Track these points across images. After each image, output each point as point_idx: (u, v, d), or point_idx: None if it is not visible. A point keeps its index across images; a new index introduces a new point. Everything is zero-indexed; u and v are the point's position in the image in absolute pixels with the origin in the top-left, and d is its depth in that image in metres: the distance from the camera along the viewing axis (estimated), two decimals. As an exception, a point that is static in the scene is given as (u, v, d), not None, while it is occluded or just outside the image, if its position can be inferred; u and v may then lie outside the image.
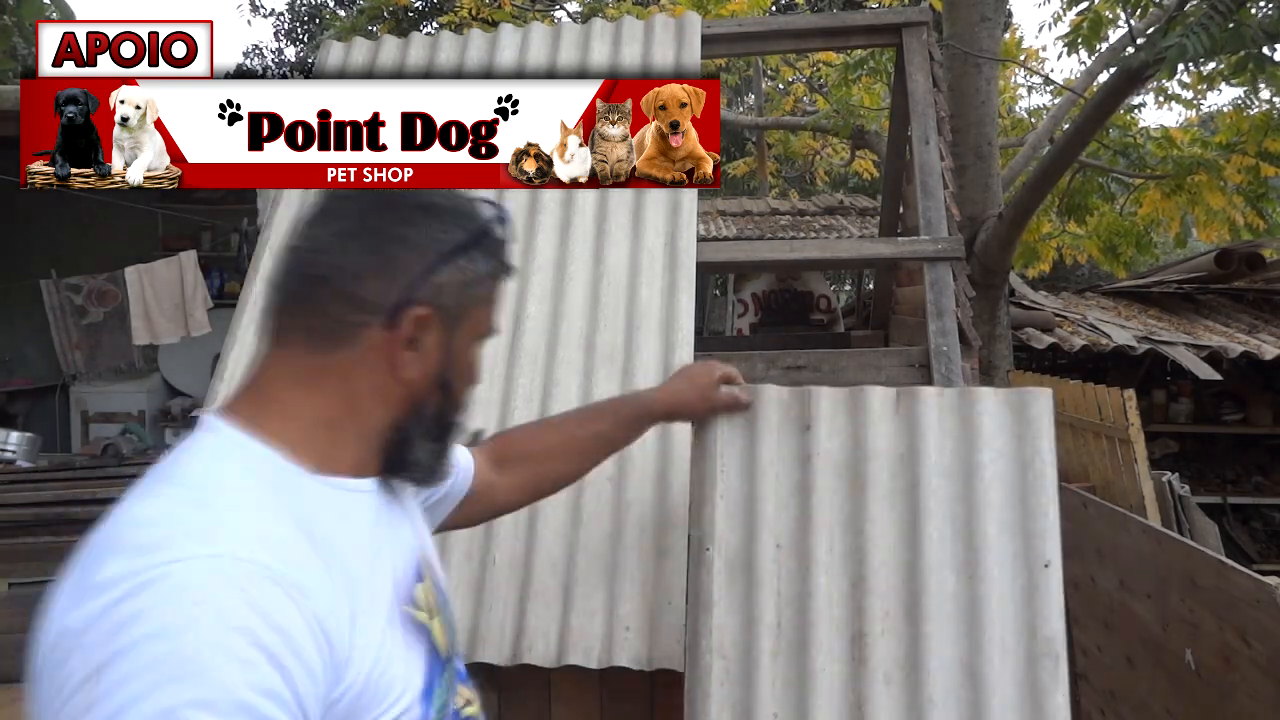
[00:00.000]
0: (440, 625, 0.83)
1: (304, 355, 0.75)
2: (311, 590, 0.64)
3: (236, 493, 0.67)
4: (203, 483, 0.68)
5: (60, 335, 5.48)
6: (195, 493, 0.67)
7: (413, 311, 0.75)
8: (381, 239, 0.75)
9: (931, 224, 1.94)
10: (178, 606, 0.58)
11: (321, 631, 0.64)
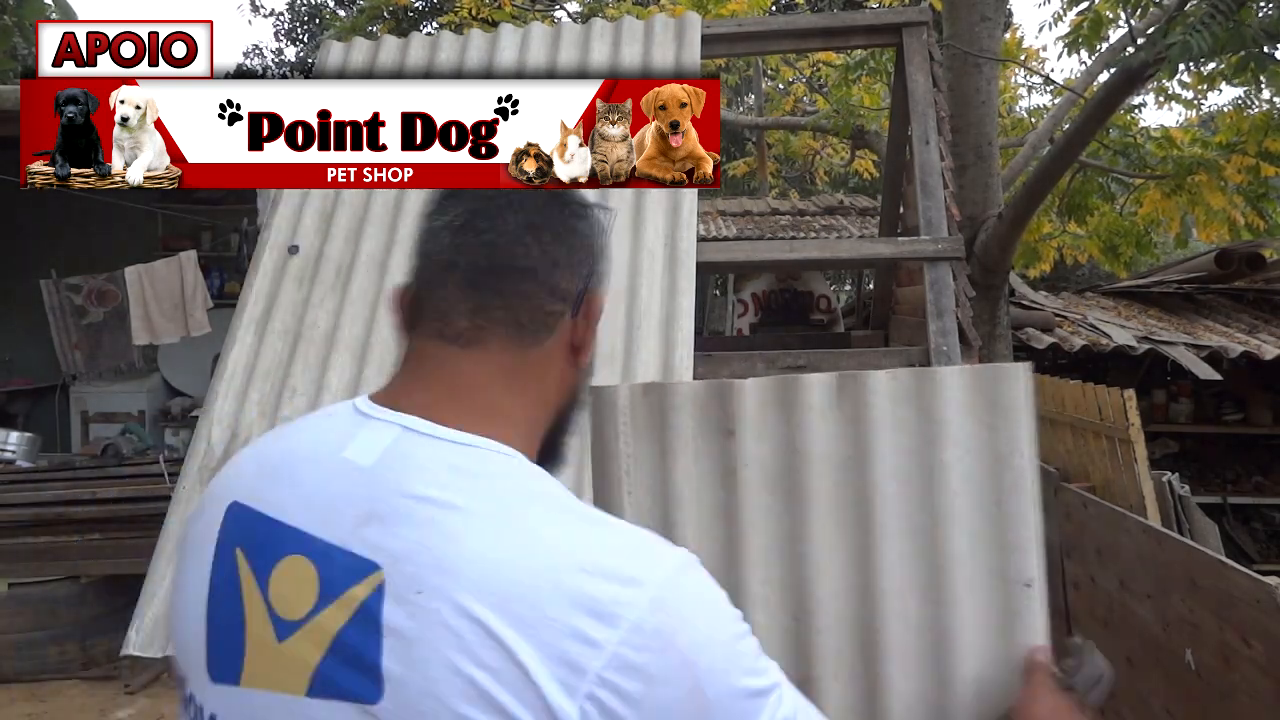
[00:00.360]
0: None
1: (502, 352, 0.72)
2: None
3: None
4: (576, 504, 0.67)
5: (60, 335, 5.48)
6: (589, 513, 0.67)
7: (599, 295, 0.76)
8: (563, 230, 0.75)
9: (931, 224, 1.94)
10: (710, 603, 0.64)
11: None
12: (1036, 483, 1.05)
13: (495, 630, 0.57)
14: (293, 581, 0.64)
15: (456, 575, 0.60)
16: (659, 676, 0.58)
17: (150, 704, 4.28)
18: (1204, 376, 4.68)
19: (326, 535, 0.64)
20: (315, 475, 0.68)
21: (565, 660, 0.57)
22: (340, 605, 0.62)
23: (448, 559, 0.60)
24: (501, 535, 0.62)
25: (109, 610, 4.51)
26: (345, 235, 2.10)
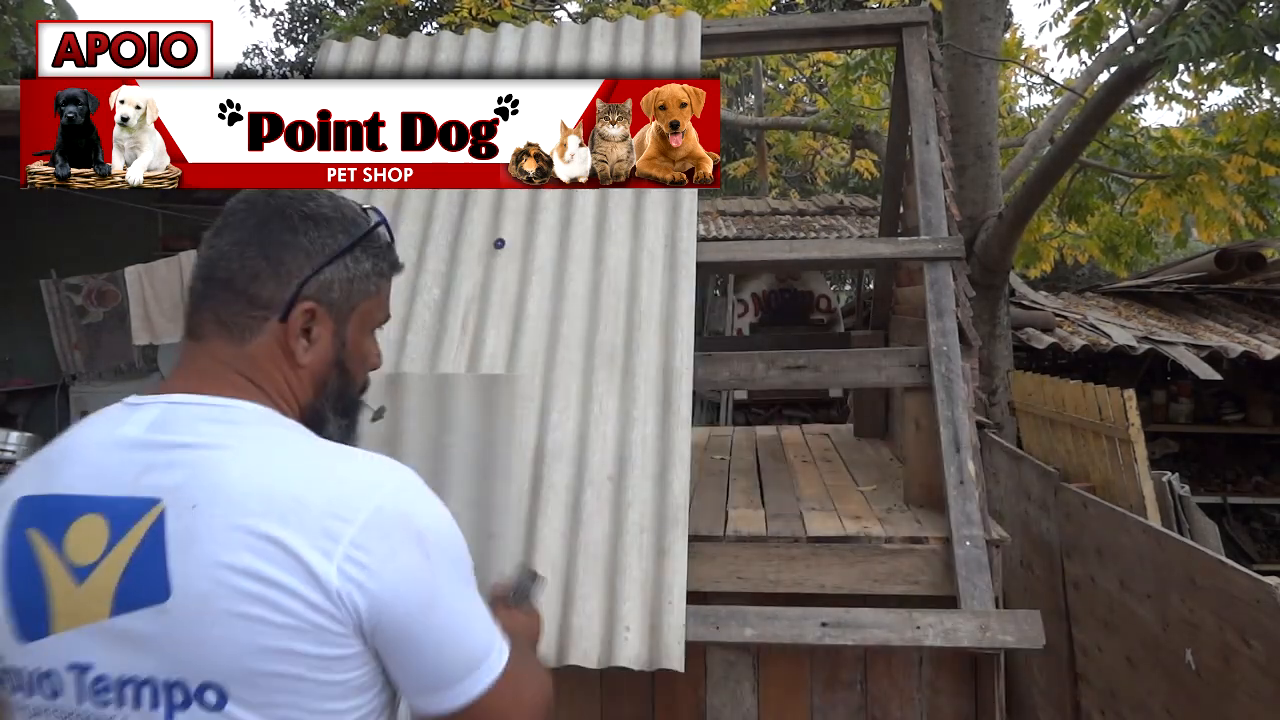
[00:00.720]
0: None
1: (222, 346, 0.88)
2: None
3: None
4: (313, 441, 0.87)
5: (60, 335, 5.48)
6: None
7: (301, 306, 0.89)
8: (272, 246, 0.89)
9: (931, 224, 1.93)
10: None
11: None
12: (515, 464, 1.49)
13: (262, 529, 0.75)
14: (85, 534, 0.79)
15: (227, 494, 0.76)
16: (398, 545, 0.78)
17: (150, 704, 4.27)
18: (1204, 376, 4.68)
19: (111, 492, 0.79)
20: (95, 453, 0.82)
21: (324, 535, 0.75)
22: (130, 537, 0.77)
23: (218, 484, 0.77)
24: (263, 463, 0.79)
25: (109, 610, 4.51)
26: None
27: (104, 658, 0.77)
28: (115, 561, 0.77)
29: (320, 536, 0.75)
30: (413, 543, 0.80)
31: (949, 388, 1.98)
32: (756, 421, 7.51)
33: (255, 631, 0.74)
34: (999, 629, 1.57)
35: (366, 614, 0.77)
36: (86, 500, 0.80)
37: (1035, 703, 3.55)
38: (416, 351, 1.86)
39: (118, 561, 0.77)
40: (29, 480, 0.84)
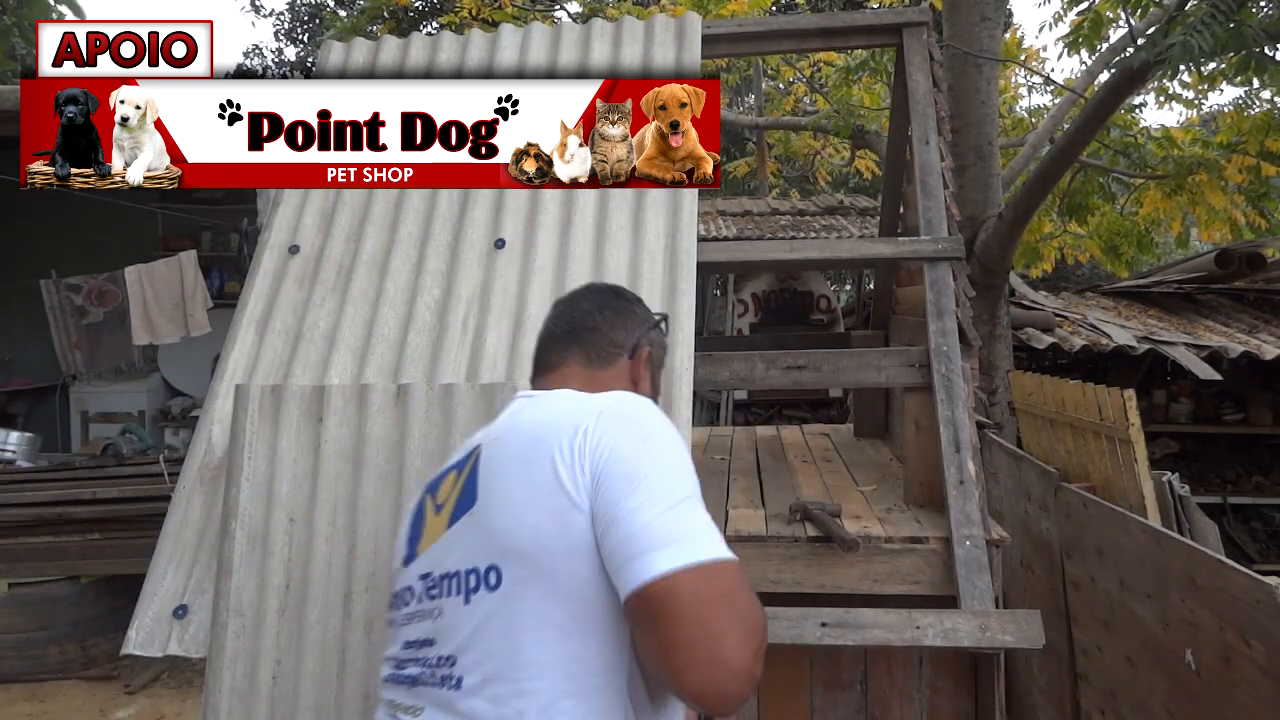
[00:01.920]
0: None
1: (581, 369, 1.21)
2: None
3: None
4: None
5: (60, 335, 5.48)
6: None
7: (643, 350, 1.26)
8: (622, 311, 1.28)
9: (931, 224, 1.93)
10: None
11: None
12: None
13: (532, 442, 0.99)
14: (447, 483, 1.09)
15: (515, 425, 1.06)
16: (618, 428, 0.97)
17: (150, 704, 4.27)
18: (1204, 376, 4.68)
19: (465, 451, 1.11)
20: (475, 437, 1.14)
21: (572, 431, 0.96)
22: (464, 471, 1.05)
23: (515, 422, 1.06)
24: (544, 406, 1.07)
25: (109, 610, 4.51)
26: (345, 235, 2.09)
27: (438, 562, 1.01)
28: (453, 492, 1.04)
29: (570, 434, 0.95)
30: (630, 428, 0.97)
31: (949, 388, 1.98)
32: (756, 421, 7.51)
33: (525, 511, 0.93)
34: (999, 629, 1.57)
35: (591, 476, 0.93)
36: (450, 465, 1.11)
37: (1035, 703, 3.54)
38: (417, 351, 1.86)
39: (454, 492, 1.04)
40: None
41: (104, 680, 4.45)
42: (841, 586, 1.93)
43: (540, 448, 0.96)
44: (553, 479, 0.93)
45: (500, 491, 0.97)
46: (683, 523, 0.89)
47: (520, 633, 0.91)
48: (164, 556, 1.70)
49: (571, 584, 0.90)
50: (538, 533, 0.91)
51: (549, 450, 0.95)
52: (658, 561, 0.85)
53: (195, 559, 1.69)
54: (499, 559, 0.93)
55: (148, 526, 4.33)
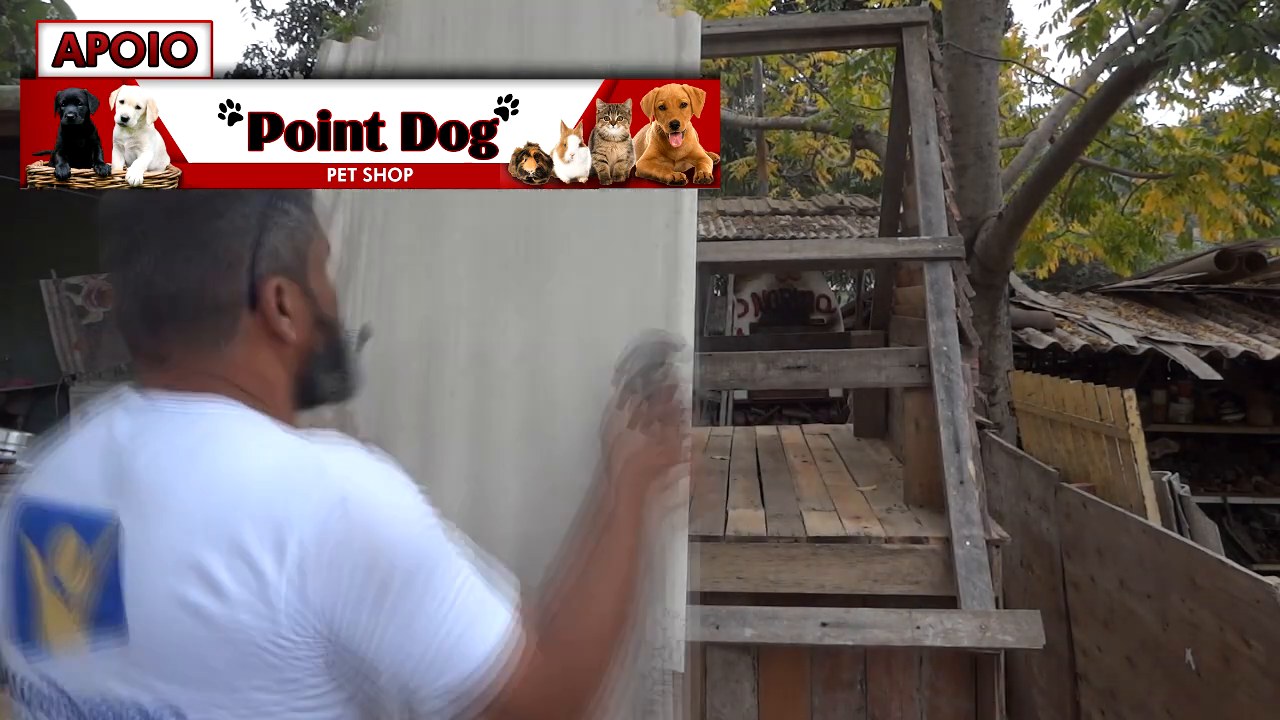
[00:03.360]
0: None
1: (196, 360, 0.80)
2: None
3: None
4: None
5: (60, 335, 5.48)
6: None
7: (268, 285, 0.82)
8: (200, 242, 0.80)
9: (931, 224, 1.93)
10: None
11: None
12: None
13: (204, 554, 0.69)
14: (64, 547, 0.75)
15: (173, 513, 0.71)
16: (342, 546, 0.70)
17: (150, 704, 4.27)
18: (1204, 376, 4.68)
19: (80, 502, 0.76)
20: (79, 455, 0.80)
21: (274, 542, 0.68)
22: (95, 554, 0.73)
23: (166, 501, 0.72)
24: (210, 478, 0.72)
25: (109, 610, 4.50)
26: (345, 235, 2.09)
27: (87, 684, 0.73)
28: (86, 583, 0.73)
29: (272, 540, 0.69)
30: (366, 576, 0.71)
31: (949, 388, 1.98)
32: (756, 421, 7.51)
33: (204, 653, 0.69)
34: (999, 629, 1.57)
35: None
36: (60, 510, 0.76)
37: (1035, 703, 3.54)
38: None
39: (87, 583, 0.72)
40: (31, 478, 0.82)
41: (104, 680, 4.45)
42: (841, 586, 1.93)
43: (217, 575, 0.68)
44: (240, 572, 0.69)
45: (156, 598, 0.69)
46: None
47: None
48: (164, 556, 1.70)
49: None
50: (236, 674, 0.70)
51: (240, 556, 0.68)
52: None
53: (195, 559, 1.69)
54: (178, 699, 0.70)
55: (148, 526, 4.32)
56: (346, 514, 0.71)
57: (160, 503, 0.72)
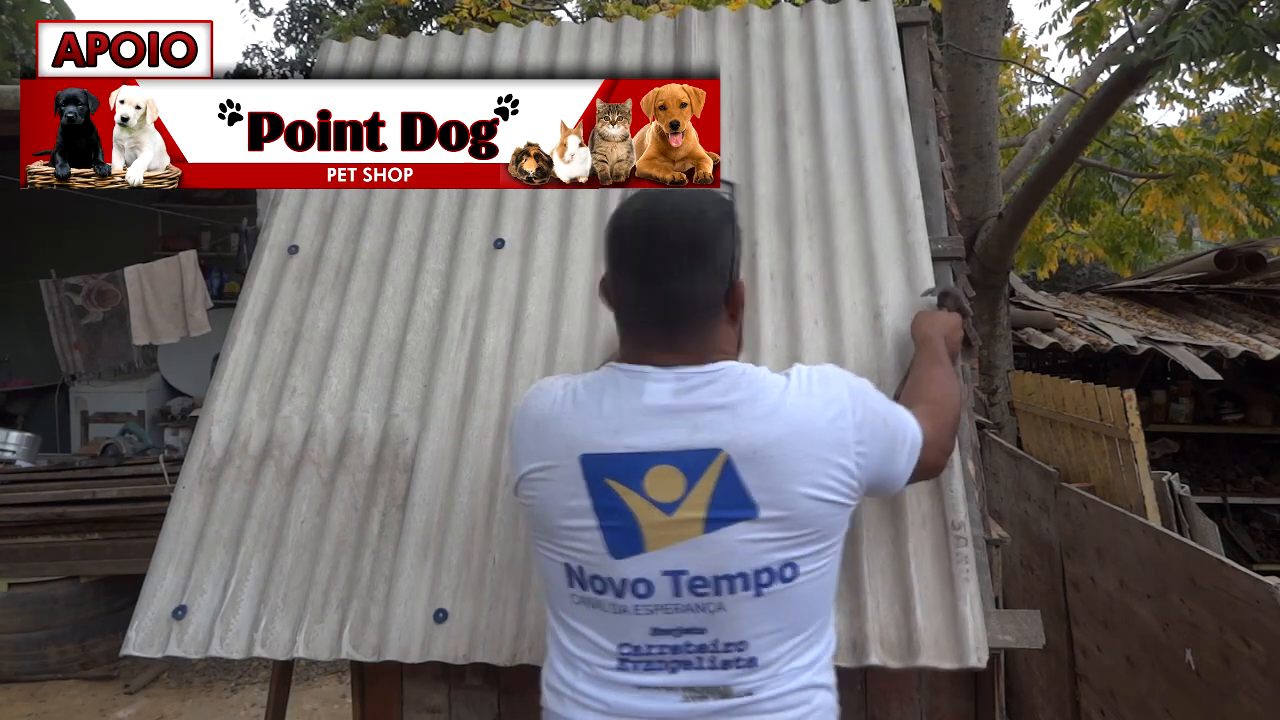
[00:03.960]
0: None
1: (693, 339, 1.15)
2: None
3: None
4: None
5: (60, 335, 5.48)
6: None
7: (737, 290, 1.19)
8: (708, 266, 1.13)
9: (931, 224, 1.93)
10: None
11: None
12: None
13: (807, 451, 1.10)
14: (663, 480, 1.10)
15: (768, 441, 1.09)
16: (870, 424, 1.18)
17: (150, 704, 4.28)
18: (1204, 376, 4.68)
19: (674, 446, 1.10)
20: (639, 417, 1.12)
21: (840, 445, 1.12)
22: (707, 478, 1.09)
23: (760, 433, 1.09)
24: (775, 414, 1.11)
25: (109, 610, 4.51)
26: (345, 235, 2.09)
27: (698, 562, 1.09)
28: (699, 496, 1.09)
29: (836, 447, 1.12)
30: (867, 409, 1.17)
31: (949, 388, 1.98)
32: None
33: (821, 512, 1.11)
34: (999, 629, 1.57)
35: (857, 461, 1.14)
36: (655, 455, 1.10)
37: (1035, 703, 3.55)
38: (416, 351, 1.86)
39: (702, 495, 1.09)
40: (574, 442, 1.13)
41: (104, 680, 4.46)
42: (841, 586, 1.93)
43: (816, 466, 1.10)
44: (838, 475, 1.11)
45: (789, 494, 1.09)
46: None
47: (811, 603, 1.15)
48: (164, 556, 1.70)
49: (838, 550, 1.17)
50: (829, 523, 1.13)
51: (826, 453, 1.11)
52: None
53: (195, 559, 1.69)
54: (795, 554, 1.10)
55: (148, 526, 4.33)
56: (855, 407, 1.15)
57: (758, 436, 1.09)
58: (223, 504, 1.74)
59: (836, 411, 1.13)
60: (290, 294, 2.00)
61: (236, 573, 1.65)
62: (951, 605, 1.44)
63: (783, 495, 1.09)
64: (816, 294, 1.78)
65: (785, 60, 2.15)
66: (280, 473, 1.76)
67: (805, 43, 2.18)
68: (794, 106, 2.07)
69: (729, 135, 2.03)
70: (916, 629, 1.42)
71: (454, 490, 1.68)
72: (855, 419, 1.14)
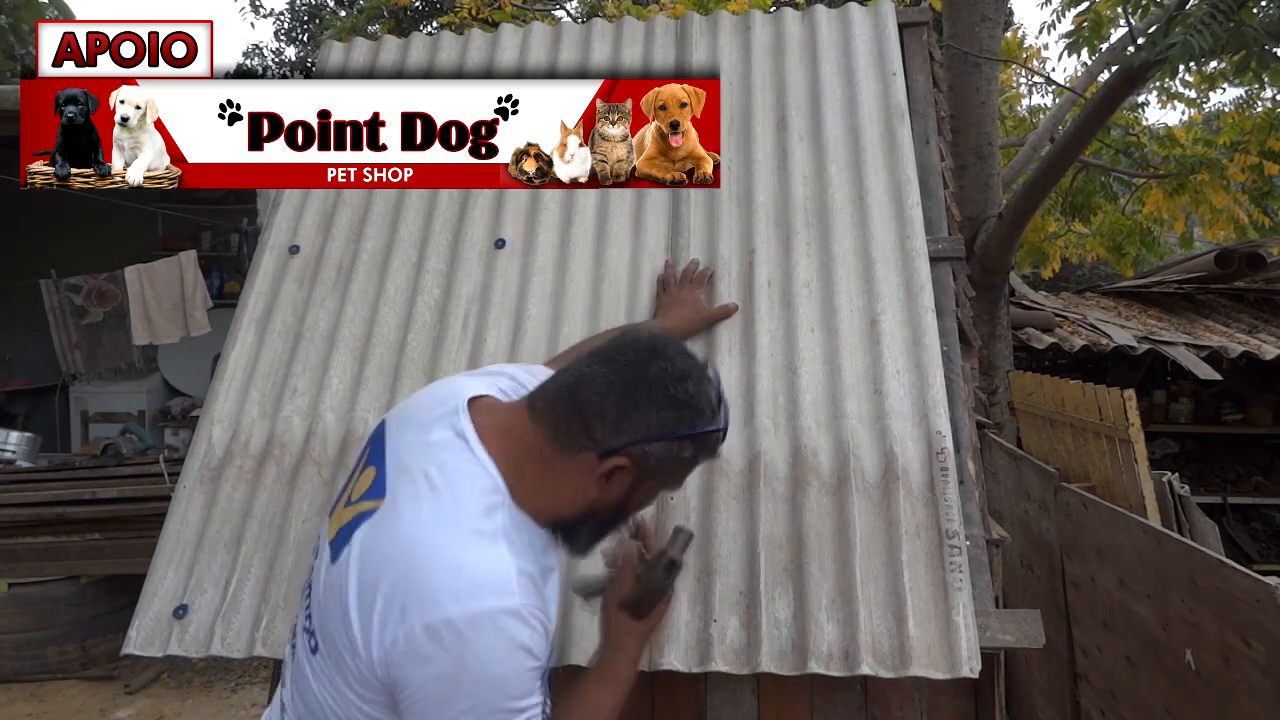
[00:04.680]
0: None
1: (544, 442, 1.05)
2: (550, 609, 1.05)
3: (502, 535, 1.01)
4: (479, 517, 1.01)
5: (60, 335, 5.48)
6: (476, 535, 1.00)
7: (615, 460, 1.02)
8: (627, 404, 1.02)
9: (931, 224, 1.93)
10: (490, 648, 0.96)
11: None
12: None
13: (365, 589, 1.00)
14: (365, 478, 1.10)
15: (365, 548, 1.03)
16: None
17: (150, 704, 4.28)
18: (1204, 376, 4.68)
19: (384, 466, 1.08)
20: (409, 431, 1.10)
21: (385, 682, 0.98)
22: (356, 511, 1.07)
23: (370, 539, 1.03)
24: (404, 537, 1.00)
25: (109, 610, 4.51)
26: (345, 235, 2.09)
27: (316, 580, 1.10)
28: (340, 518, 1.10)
29: (381, 682, 0.99)
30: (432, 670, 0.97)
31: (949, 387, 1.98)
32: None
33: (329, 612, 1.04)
34: (999, 629, 1.57)
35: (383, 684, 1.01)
36: (379, 458, 1.10)
37: (1035, 703, 3.55)
38: (416, 351, 1.86)
39: (340, 519, 1.09)
40: (395, 411, 1.19)
41: (104, 680, 4.46)
42: (841, 586, 1.93)
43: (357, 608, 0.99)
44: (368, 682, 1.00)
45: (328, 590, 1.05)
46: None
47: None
48: (164, 556, 1.70)
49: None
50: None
51: (367, 671, 0.99)
52: None
53: (195, 559, 1.69)
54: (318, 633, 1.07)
55: (148, 526, 4.33)
56: (433, 697, 1.00)
57: (366, 541, 1.05)
58: (224, 503, 1.74)
59: (412, 672, 0.95)
60: (291, 294, 2.00)
61: (237, 572, 1.65)
62: (945, 614, 1.44)
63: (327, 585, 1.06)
64: (814, 301, 1.78)
65: (786, 65, 2.15)
66: (281, 472, 1.76)
67: (807, 48, 2.18)
68: (794, 112, 2.07)
69: (729, 141, 2.03)
70: (909, 638, 1.42)
71: (454, 490, 1.68)
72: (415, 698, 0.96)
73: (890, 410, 1.64)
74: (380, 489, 1.05)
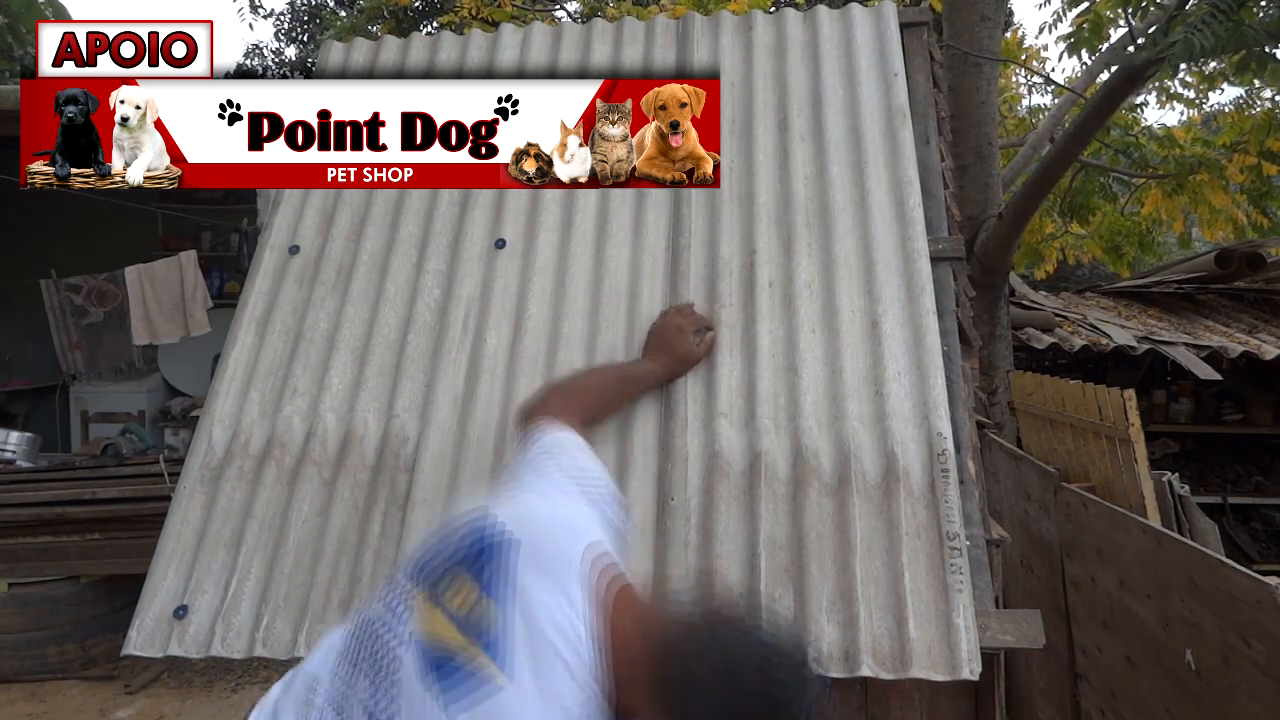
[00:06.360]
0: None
1: (644, 686, 0.99)
2: None
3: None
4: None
5: (60, 335, 5.48)
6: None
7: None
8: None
9: (931, 224, 1.93)
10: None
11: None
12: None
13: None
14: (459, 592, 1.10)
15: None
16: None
17: (150, 704, 4.28)
18: (1204, 376, 4.68)
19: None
20: (532, 574, 1.09)
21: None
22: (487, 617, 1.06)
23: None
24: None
25: (109, 610, 4.51)
26: (346, 235, 2.09)
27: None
28: (473, 620, 1.06)
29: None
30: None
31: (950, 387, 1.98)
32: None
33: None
34: (999, 629, 1.57)
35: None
36: (497, 588, 1.07)
37: (1035, 703, 3.55)
38: (417, 352, 1.86)
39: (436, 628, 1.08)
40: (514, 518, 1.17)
41: (104, 680, 4.46)
42: (842, 586, 1.93)
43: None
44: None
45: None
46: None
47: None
48: (164, 556, 1.70)
49: None
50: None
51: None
52: None
53: (195, 559, 1.69)
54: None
55: (148, 526, 4.33)
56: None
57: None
58: (224, 504, 1.74)
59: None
60: (291, 294, 2.00)
61: (238, 572, 1.65)
62: (945, 616, 1.44)
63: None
64: (815, 302, 1.78)
65: (788, 66, 2.15)
66: (281, 473, 1.76)
67: (808, 48, 2.18)
68: (796, 113, 2.06)
69: (730, 141, 2.03)
70: (909, 640, 1.42)
71: (455, 490, 1.68)
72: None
73: (891, 411, 1.64)
74: (502, 649, 1.01)
